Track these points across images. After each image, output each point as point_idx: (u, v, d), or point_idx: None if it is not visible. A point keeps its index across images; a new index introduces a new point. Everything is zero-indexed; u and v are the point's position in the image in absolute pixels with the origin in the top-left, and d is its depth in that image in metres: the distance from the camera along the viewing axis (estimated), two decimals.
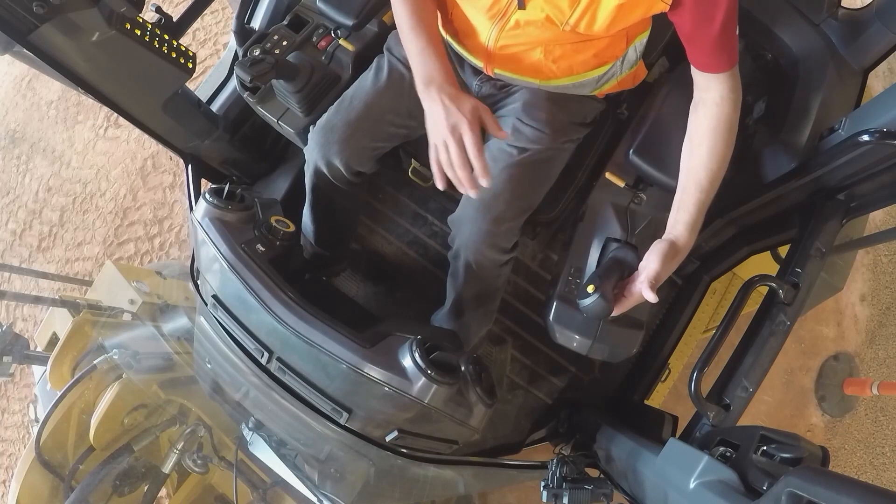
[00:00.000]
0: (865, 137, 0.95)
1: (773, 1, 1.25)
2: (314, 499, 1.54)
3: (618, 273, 1.02)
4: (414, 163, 1.50)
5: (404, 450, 1.16)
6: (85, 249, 3.15)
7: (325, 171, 1.28)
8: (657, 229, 1.24)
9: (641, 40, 1.15)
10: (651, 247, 0.97)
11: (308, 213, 1.47)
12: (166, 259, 2.96)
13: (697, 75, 1.00)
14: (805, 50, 1.25)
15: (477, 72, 1.22)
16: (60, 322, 1.95)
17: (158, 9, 1.30)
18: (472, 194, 0.97)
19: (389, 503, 1.61)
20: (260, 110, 1.37)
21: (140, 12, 1.16)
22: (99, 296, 2.05)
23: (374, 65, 1.27)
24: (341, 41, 1.38)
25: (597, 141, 1.38)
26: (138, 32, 1.17)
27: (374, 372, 0.99)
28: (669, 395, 1.83)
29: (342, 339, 1.00)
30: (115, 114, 1.33)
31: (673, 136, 1.23)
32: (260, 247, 1.12)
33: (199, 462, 1.78)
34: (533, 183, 1.21)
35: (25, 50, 1.08)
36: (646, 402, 1.56)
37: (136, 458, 1.76)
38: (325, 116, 1.24)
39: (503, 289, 1.38)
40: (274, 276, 1.06)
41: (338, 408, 1.04)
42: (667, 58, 1.38)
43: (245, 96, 1.37)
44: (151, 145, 3.11)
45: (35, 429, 1.71)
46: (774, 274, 1.16)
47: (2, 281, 3.28)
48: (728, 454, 0.86)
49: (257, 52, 1.29)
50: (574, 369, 1.70)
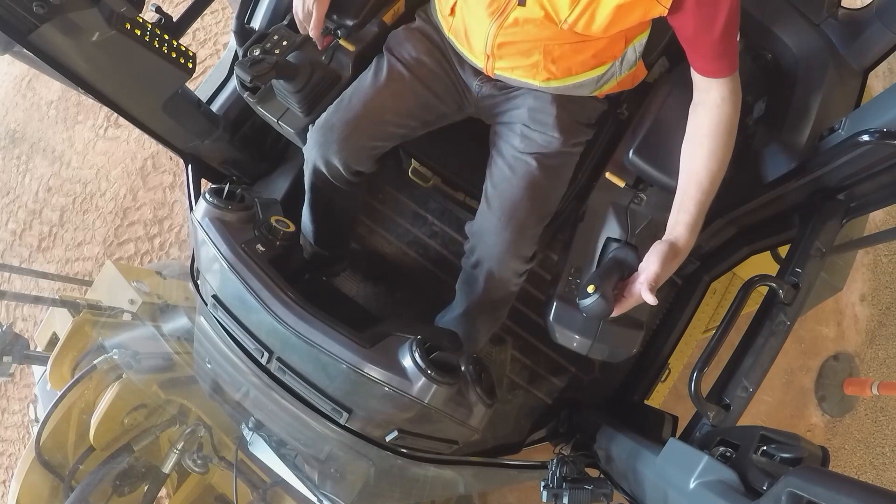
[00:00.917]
0: (865, 137, 0.95)
1: (773, 1, 1.25)
2: (314, 499, 1.54)
3: (618, 273, 1.02)
4: (414, 163, 1.50)
5: (404, 450, 1.16)
6: (85, 249, 3.15)
7: (324, 171, 1.28)
8: (657, 229, 1.24)
9: (640, 41, 1.15)
10: (651, 248, 0.97)
11: (307, 213, 1.47)
12: (166, 259, 2.96)
13: (698, 78, 1.00)
14: (805, 50, 1.25)
15: (477, 72, 1.22)
16: (60, 322, 1.95)
17: (158, 9, 1.30)
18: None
19: (389, 503, 1.61)
20: (260, 110, 1.37)
21: (140, 12, 1.16)
22: (99, 296, 2.05)
23: (374, 64, 1.27)
24: (341, 41, 1.38)
25: (597, 141, 1.38)
26: (138, 32, 1.17)
27: (374, 372, 0.99)
28: (669, 395, 1.83)
29: (342, 339, 1.00)
30: (115, 114, 1.33)
31: (673, 137, 1.23)
32: (260, 247, 1.12)
33: (199, 462, 1.78)
34: (550, 188, 1.22)
35: (25, 50, 1.08)
36: (646, 402, 1.56)
37: (136, 458, 1.76)
38: (324, 116, 1.24)
39: (515, 295, 1.38)
40: (274, 276, 1.06)
41: (338, 408, 1.04)
42: (667, 58, 1.38)
43: (245, 96, 1.36)
44: (151, 145, 3.11)
45: (35, 429, 1.70)
46: (774, 274, 1.16)
47: (2, 281, 3.28)
48: (728, 454, 0.86)
49: (257, 52, 1.28)
50: (574, 369, 1.70)
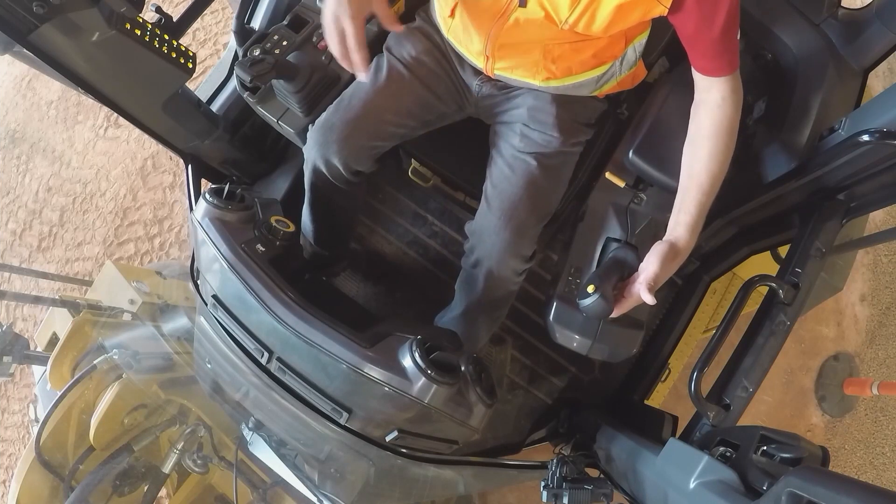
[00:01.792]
0: (865, 137, 0.95)
1: (773, 1, 1.25)
2: (314, 499, 1.54)
3: (618, 273, 1.02)
4: (414, 163, 1.50)
5: (404, 450, 1.16)
6: (85, 249, 3.15)
7: (324, 171, 1.28)
8: (657, 229, 1.24)
9: (641, 41, 1.15)
10: (651, 248, 0.97)
11: (307, 213, 1.47)
12: (166, 259, 2.96)
13: (699, 78, 1.00)
14: (805, 50, 1.25)
15: (477, 72, 1.22)
16: (60, 322, 1.95)
17: (158, 9, 1.30)
18: (361, 77, 0.97)
19: (389, 503, 1.61)
20: (260, 110, 1.37)
21: (140, 12, 1.16)
22: (99, 296, 2.05)
23: (374, 64, 1.26)
24: None
25: (597, 141, 1.38)
26: (138, 32, 1.17)
27: (374, 372, 0.99)
28: (669, 395, 1.83)
29: (342, 339, 1.00)
30: (115, 114, 1.33)
31: (673, 137, 1.23)
32: (260, 247, 1.12)
33: (199, 462, 1.78)
34: (549, 188, 1.22)
35: (25, 50, 1.08)
36: (646, 402, 1.56)
37: (136, 458, 1.76)
38: (324, 115, 1.24)
39: (514, 295, 1.38)
40: (274, 276, 1.06)
41: (338, 408, 1.04)
42: (667, 58, 1.38)
43: (245, 96, 1.36)
44: (151, 145, 3.11)
45: (35, 429, 1.70)
46: (774, 274, 1.16)
47: (2, 281, 3.28)
48: (728, 454, 0.86)
49: (257, 52, 1.29)
50: (574, 369, 1.70)
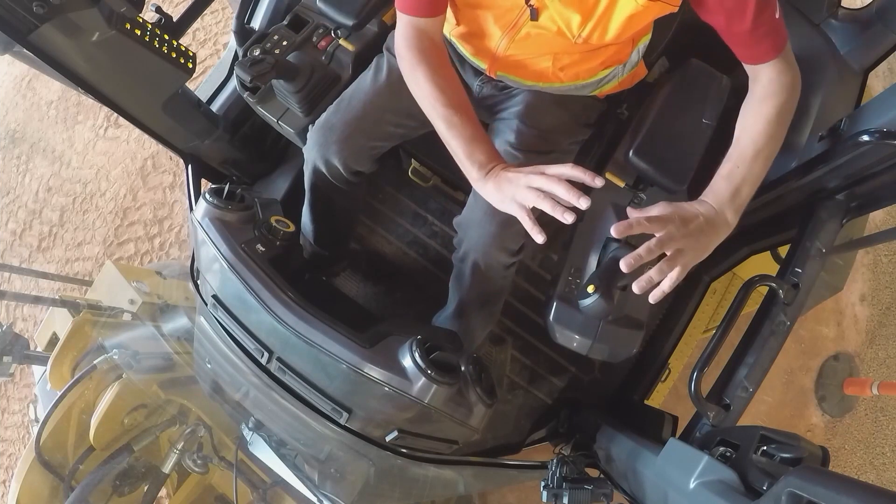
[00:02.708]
0: (865, 137, 0.95)
1: None
2: (314, 499, 1.54)
3: (618, 273, 1.01)
4: (414, 163, 1.50)
5: (404, 450, 1.16)
6: (85, 249, 3.15)
7: (324, 171, 1.28)
8: None
9: (644, 42, 1.15)
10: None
11: (307, 213, 1.47)
12: (166, 259, 2.96)
13: (747, 68, 0.95)
14: (805, 50, 1.25)
15: (478, 73, 1.22)
16: (60, 322, 1.95)
17: (158, 9, 1.30)
18: (567, 219, 0.85)
19: (389, 503, 1.61)
20: (260, 110, 1.37)
21: (140, 12, 1.16)
22: (99, 296, 2.05)
23: (374, 64, 1.26)
24: (341, 41, 1.38)
25: (597, 141, 1.38)
26: (138, 32, 1.17)
27: (374, 372, 0.99)
28: (669, 395, 1.83)
29: (342, 339, 1.00)
30: (115, 114, 1.33)
31: (673, 137, 1.23)
32: (260, 247, 1.12)
33: (199, 462, 1.78)
34: None
35: (25, 50, 1.08)
36: (646, 402, 1.56)
37: (136, 458, 1.76)
38: (324, 116, 1.24)
39: (507, 290, 1.38)
40: (274, 276, 1.06)
41: (338, 408, 1.04)
42: (667, 58, 1.38)
43: (245, 96, 1.37)
44: (151, 145, 3.11)
45: (35, 429, 1.71)
46: (774, 274, 1.16)
47: (2, 281, 3.28)
48: (728, 454, 0.86)
49: (257, 52, 1.29)
50: (574, 369, 1.70)
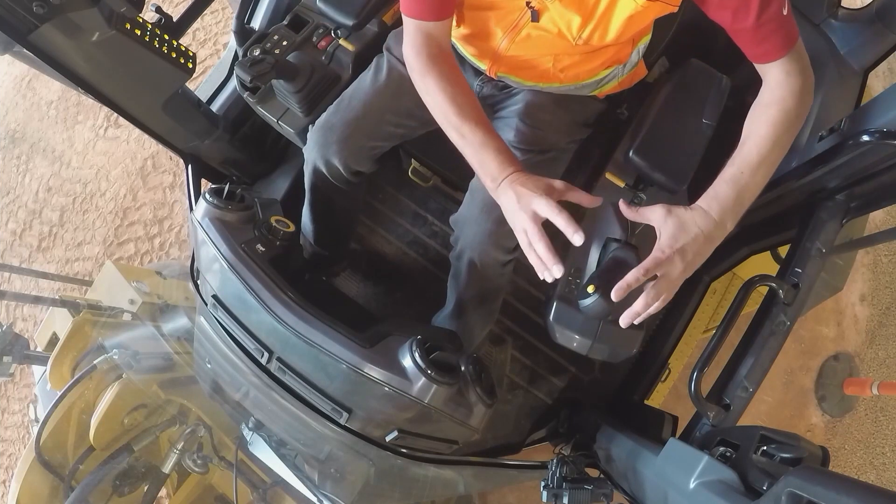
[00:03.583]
0: (865, 137, 0.95)
1: None
2: (314, 499, 1.54)
3: (618, 273, 1.01)
4: (414, 163, 1.50)
5: (404, 450, 1.16)
6: (85, 249, 3.15)
7: (324, 171, 1.28)
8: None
9: (645, 42, 1.15)
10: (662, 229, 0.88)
11: (307, 213, 1.47)
12: (166, 259, 2.96)
13: (757, 67, 0.93)
14: (805, 50, 1.25)
15: (478, 73, 1.22)
16: (60, 322, 1.95)
17: (158, 9, 1.30)
18: (547, 277, 0.90)
19: (389, 503, 1.61)
20: (260, 110, 1.37)
21: (140, 12, 1.16)
22: (99, 296, 2.05)
23: (374, 64, 1.26)
24: (341, 41, 1.38)
25: (597, 141, 1.38)
26: (138, 32, 1.17)
27: (374, 372, 0.99)
28: (669, 395, 1.83)
29: (342, 339, 1.00)
30: (115, 114, 1.33)
31: (673, 137, 1.23)
32: (260, 247, 1.12)
33: (199, 462, 1.78)
34: None
35: (25, 50, 1.08)
36: (646, 402, 1.56)
37: (136, 458, 1.76)
38: (324, 116, 1.24)
39: (505, 289, 1.37)
40: (274, 276, 1.06)
41: (338, 408, 1.04)
42: (667, 58, 1.38)
43: (245, 96, 1.37)
44: (151, 145, 3.11)
45: (35, 429, 1.71)
46: (774, 274, 1.16)
47: (2, 281, 3.28)
48: (728, 454, 0.86)
49: (257, 52, 1.29)
50: (574, 369, 1.70)
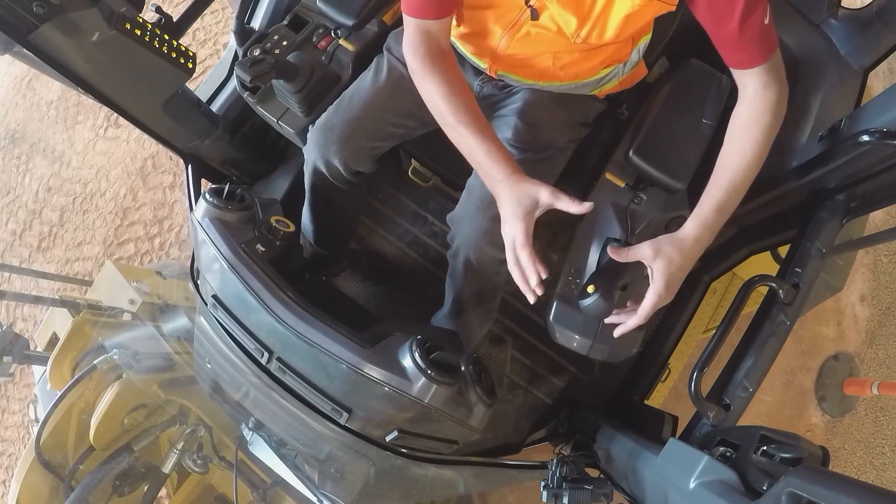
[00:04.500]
0: (865, 137, 0.95)
1: (773, 1, 1.25)
2: (314, 499, 1.54)
3: (618, 273, 1.01)
4: (414, 163, 1.50)
5: (404, 450, 1.16)
6: (85, 249, 3.15)
7: (324, 171, 1.28)
8: (657, 229, 1.24)
9: (645, 41, 1.15)
10: (654, 266, 0.91)
11: (307, 213, 1.47)
12: (166, 259, 2.96)
13: (732, 72, 0.95)
14: (805, 50, 1.25)
15: (478, 72, 1.22)
16: (60, 322, 1.95)
17: (158, 9, 1.30)
18: (530, 298, 0.95)
19: (389, 503, 1.61)
20: (260, 110, 1.37)
21: (140, 12, 1.16)
22: (99, 296, 2.05)
23: (374, 64, 1.26)
24: (341, 41, 1.38)
25: (597, 141, 1.38)
26: (138, 32, 1.17)
27: (374, 372, 0.99)
28: (669, 395, 1.83)
29: (342, 339, 1.00)
30: (115, 114, 1.33)
31: (673, 137, 1.23)
32: (260, 247, 1.12)
33: (199, 462, 1.78)
34: None
35: (25, 50, 1.08)
36: (646, 402, 1.56)
37: (136, 458, 1.76)
38: (324, 116, 1.24)
39: (503, 287, 1.37)
40: (274, 276, 1.06)
41: (338, 408, 1.04)
42: (667, 58, 1.38)
43: (245, 96, 1.37)
44: (151, 145, 3.11)
45: (35, 429, 1.71)
46: (774, 274, 1.16)
47: (2, 281, 3.29)
48: (728, 454, 0.86)
49: (257, 52, 1.29)
50: (574, 369, 1.70)
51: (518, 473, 1.50)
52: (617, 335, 0.99)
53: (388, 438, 1.09)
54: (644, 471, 0.99)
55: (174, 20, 1.34)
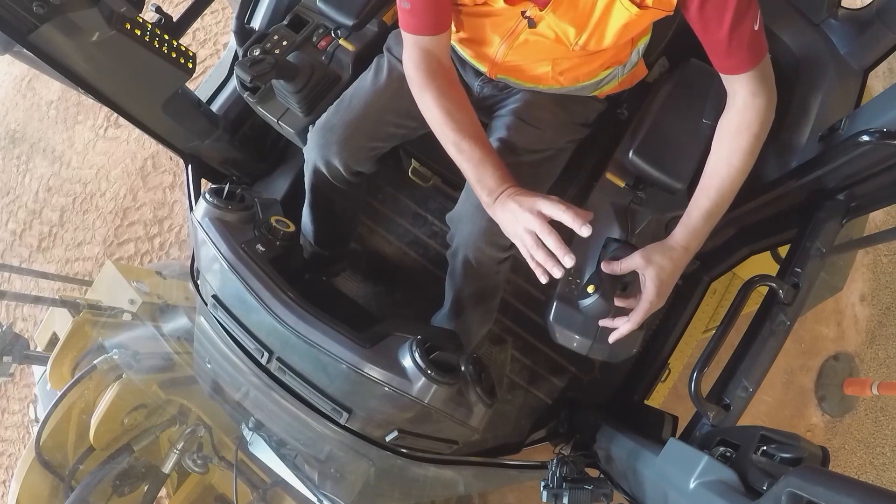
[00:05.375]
0: (865, 137, 0.95)
1: (773, 1, 1.25)
2: (314, 499, 1.54)
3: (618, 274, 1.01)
4: (414, 163, 1.50)
5: (404, 450, 1.16)
6: (85, 249, 3.15)
7: (325, 171, 1.28)
8: (657, 229, 1.24)
9: (644, 42, 1.15)
10: (646, 271, 0.93)
11: (307, 213, 1.47)
12: (166, 259, 2.97)
13: (722, 77, 0.96)
14: (805, 50, 1.25)
15: (478, 73, 1.22)
16: (60, 322, 1.95)
17: (158, 9, 1.30)
18: (556, 273, 0.91)
19: (389, 503, 1.61)
20: (260, 110, 1.37)
21: (140, 12, 1.16)
22: (99, 296, 2.05)
23: (374, 65, 1.26)
24: (341, 41, 1.38)
25: (597, 141, 1.38)
26: (138, 32, 1.17)
27: (374, 372, 0.99)
28: (669, 395, 1.83)
29: (342, 339, 1.00)
30: (115, 114, 1.33)
31: (673, 137, 1.23)
32: (260, 247, 1.12)
33: (199, 462, 1.78)
34: (533, 182, 1.20)
35: (25, 50, 1.08)
36: (646, 402, 1.56)
37: (136, 458, 1.76)
38: (325, 116, 1.24)
39: (502, 287, 1.37)
40: (274, 276, 1.06)
41: (338, 408, 1.04)
42: (667, 58, 1.38)
43: (245, 96, 1.37)
44: (151, 145, 3.11)
45: (35, 429, 1.71)
46: (774, 274, 1.16)
47: (2, 281, 3.29)
48: (728, 454, 0.86)
49: (257, 52, 1.29)
50: (574, 369, 1.70)
51: (518, 473, 1.50)
52: (612, 340, 1.01)
53: (388, 438, 1.09)
54: (644, 471, 0.99)
55: (174, 20, 1.34)
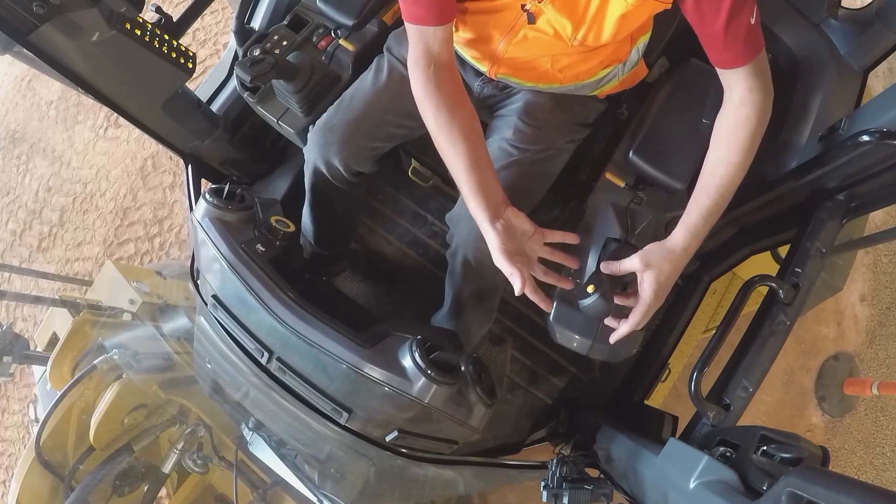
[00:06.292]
0: (865, 137, 0.95)
1: (773, 1, 1.25)
2: (314, 499, 1.54)
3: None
4: (414, 163, 1.50)
5: (404, 450, 1.16)
6: (85, 249, 3.15)
7: (325, 171, 1.28)
8: (657, 229, 1.24)
9: (644, 41, 1.15)
10: (643, 273, 0.94)
11: (308, 213, 1.47)
12: (166, 259, 2.97)
13: (718, 72, 0.95)
14: (805, 50, 1.25)
15: (478, 73, 1.22)
16: (60, 322, 1.95)
17: (158, 9, 1.30)
18: (546, 307, 1.02)
19: (389, 503, 1.61)
20: (260, 110, 1.37)
21: (140, 12, 1.16)
22: (99, 296, 2.05)
23: (374, 65, 1.26)
24: (341, 41, 1.38)
25: (597, 141, 1.38)
26: (138, 32, 1.17)
27: (374, 372, 0.99)
28: (669, 395, 1.83)
29: (342, 339, 1.00)
30: (115, 114, 1.33)
31: (673, 137, 1.23)
32: (260, 247, 1.12)
33: (199, 462, 1.78)
34: (533, 182, 1.20)
35: (25, 50, 1.08)
36: (646, 402, 1.56)
37: (136, 458, 1.76)
38: (325, 116, 1.24)
39: (502, 287, 1.37)
40: (274, 276, 1.06)
41: (338, 408, 1.04)
42: (667, 58, 1.38)
43: (245, 96, 1.37)
44: (151, 145, 3.11)
45: (35, 429, 1.71)
46: (774, 274, 1.16)
47: (2, 281, 3.29)
48: (728, 454, 0.86)
49: (257, 52, 1.29)
50: (574, 369, 1.70)
51: (518, 473, 1.50)
52: (612, 341, 1.02)
53: (388, 438, 1.09)
54: (644, 471, 0.99)
55: (174, 20, 1.34)
